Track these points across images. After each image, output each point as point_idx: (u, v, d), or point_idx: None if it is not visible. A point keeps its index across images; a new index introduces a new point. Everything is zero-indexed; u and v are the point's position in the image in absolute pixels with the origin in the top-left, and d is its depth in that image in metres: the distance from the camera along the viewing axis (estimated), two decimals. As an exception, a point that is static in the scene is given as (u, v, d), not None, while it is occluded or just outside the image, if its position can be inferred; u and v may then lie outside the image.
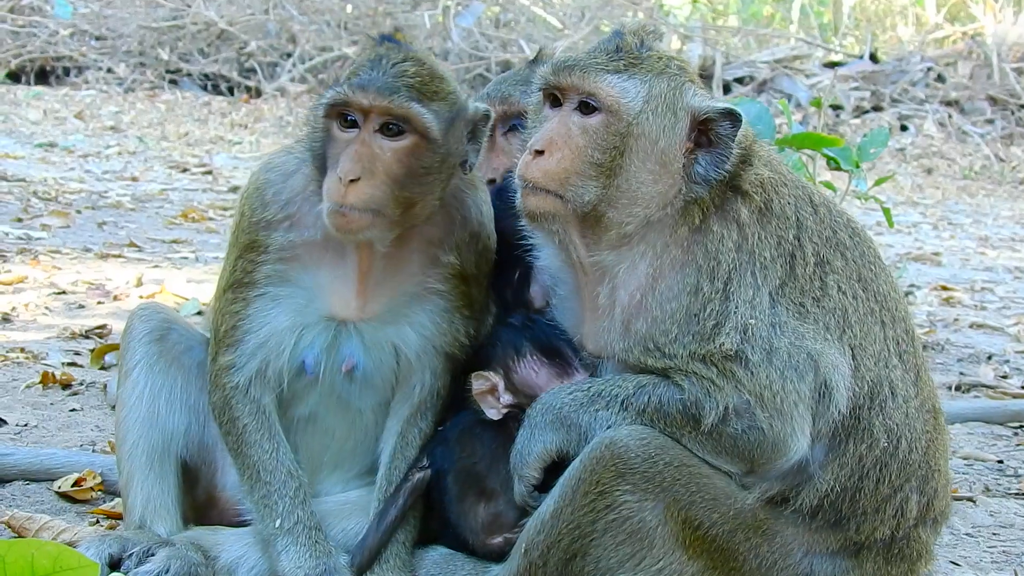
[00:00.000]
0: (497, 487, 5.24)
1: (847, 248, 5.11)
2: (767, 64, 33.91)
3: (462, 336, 5.52)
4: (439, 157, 5.21)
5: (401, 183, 5.13)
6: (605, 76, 4.97)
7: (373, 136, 5.12)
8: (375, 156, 5.10)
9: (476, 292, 5.55)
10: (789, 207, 5.04)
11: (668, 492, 4.80)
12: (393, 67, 5.17)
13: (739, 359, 4.78)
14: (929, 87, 34.02)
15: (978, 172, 29.92)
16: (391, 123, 5.13)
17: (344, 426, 5.62)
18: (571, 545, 4.87)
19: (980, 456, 8.23)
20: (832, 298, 4.97)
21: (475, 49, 32.87)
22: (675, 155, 4.97)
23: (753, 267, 4.88)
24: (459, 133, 5.29)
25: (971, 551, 6.49)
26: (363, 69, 5.19)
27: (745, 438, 4.81)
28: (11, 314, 10.47)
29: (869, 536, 5.01)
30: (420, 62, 5.23)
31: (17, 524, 5.80)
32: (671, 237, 4.95)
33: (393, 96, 5.10)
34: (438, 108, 5.18)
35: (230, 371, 5.43)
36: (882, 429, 4.96)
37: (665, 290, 4.91)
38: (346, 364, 5.46)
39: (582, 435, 4.93)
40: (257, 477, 5.40)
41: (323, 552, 5.32)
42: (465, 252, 5.47)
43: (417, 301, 5.45)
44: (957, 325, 13.14)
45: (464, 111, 5.30)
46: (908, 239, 20.13)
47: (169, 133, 25.25)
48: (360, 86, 5.13)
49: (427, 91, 5.17)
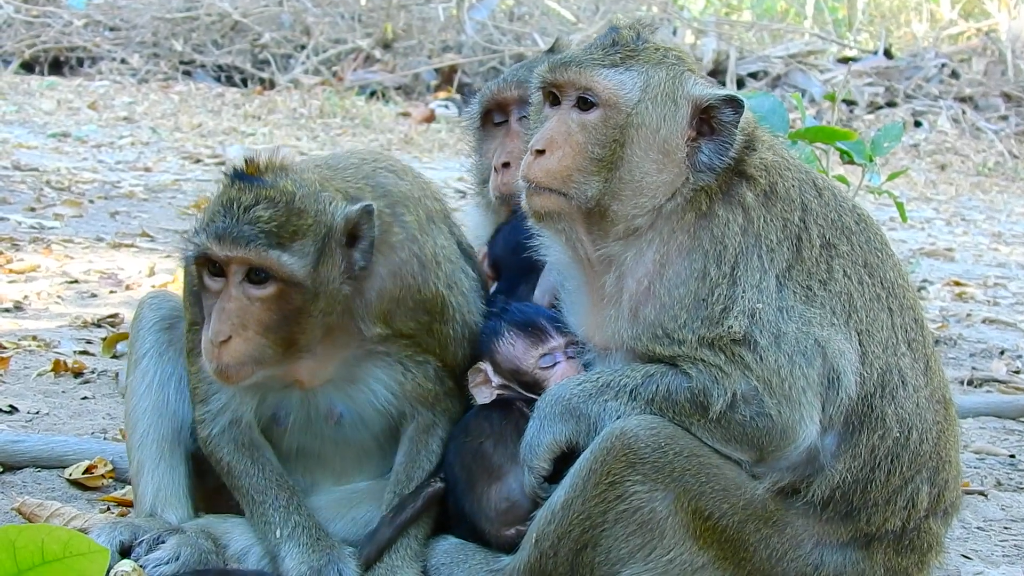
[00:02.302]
0: (505, 463, 5.27)
1: (853, 233, 5.10)
2: (781, 59, 33.84)
3: (430, 375, 5.48)
4: (311, 293, 5.04)
5: (275, 329, 5.03)
6: (601, 70, 4.97)
7: (239, 287, 5.00)
8: (243, 309, 4.99)
9: (426, 338, 5.46)
10: (794, 190, 5.04)
11: (678, 482, 4.80)
12: (246, 213, 4.95)
13: (747, 343, 4.78)
14: (943, 83, 33.94)
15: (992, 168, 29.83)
16: (253, 270, 4.98)
17: (343, 456, 5.65)
18: (582, 536, 4.87)
19: (992, 450, 8.23)
20: (838, 282, 4.97)
21: (489, 42, 32.85)
22: (678, 144, 4.97)
23: (759, 250, 4.88)
24: (334, 258, 5.09)
25: (982, 545, 6.49)
26: (218, 215, 4.99)
27: (753, 424, 4.80)
28: (24, 302, 10.49)
29: (880, 527, 5.00)
30: (274, 202, 4.99)
31: (28, 511, 5.82)
32: (677, 224, 4.96)
33: (249, 246, 4.92)
34: (301, 247, 5.00)
35: (203, 423, 5.47)
36: (894, 418, 4.95)
37: (673, 276, 4.91)
38: (330, 416, 5.48)
39: (591, 426, 4.94)
40: (252, 500, 5.43)
41: (325, 546, 5.34)
42: (393, 318, 5.35)
43: (363, 361, 5.40)
44: (970, 320, 13.12)
45: (334, 230, 5.08)
46: (921, 235, 20.08)
47: (182, 124, 25.24)
48: (216, 236, 4.95)
49: (285, 234, 4.97)
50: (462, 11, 33.36)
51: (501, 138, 6.12)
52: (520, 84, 6.10)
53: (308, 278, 5.01)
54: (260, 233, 4.94)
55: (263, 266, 4.95)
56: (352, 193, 5.26)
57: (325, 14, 33.10)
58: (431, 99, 31.14)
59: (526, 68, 6.20)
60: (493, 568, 5.20)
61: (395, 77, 32.23)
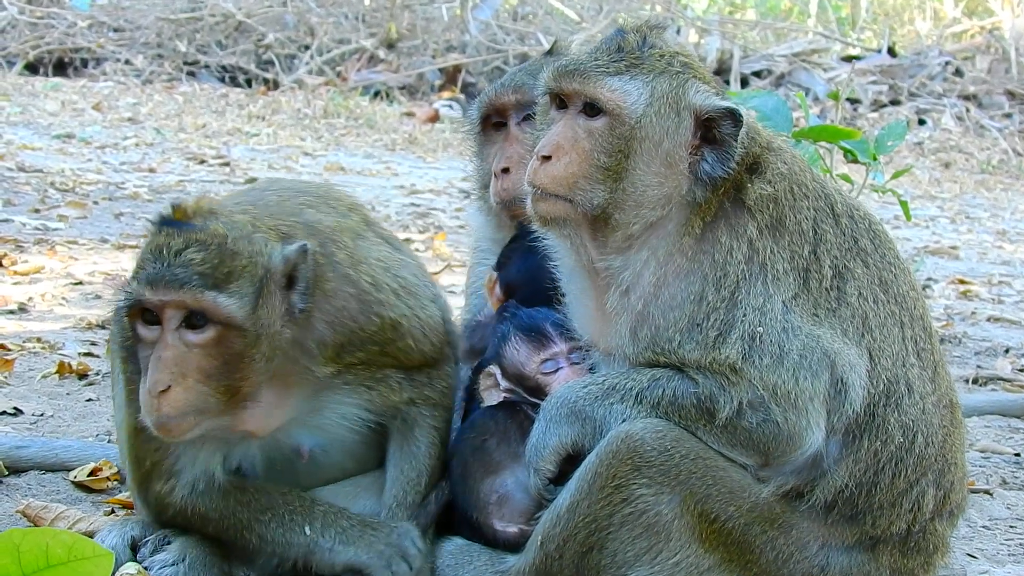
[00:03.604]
0: (504, 460, 5.29)
1: (868, 254, 5.09)
2: (785, 58, 33.84)
3: (394, 386, 5.38)
4: (252, 337, 4.88)
5: (217, 377, 4.85)
6: (607, 79, 4.94)
7: (175, 333, 4.81)
8: (182, 356, 4.79)
9: (382, 358, 5.34)
10: (806, 222, 5.00)
11: (684, 485, 4.80)
12: (177, 257, 4.78)
13: (746, 364, 4.77)
14: (947, 81, 33.92)
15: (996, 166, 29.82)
16: (190, 315, 4.81)
17: (330, 478, 5.57)
18: (587, 538, 4.87)
19: (997, 449, 8.22)
20: (851, 305, 4.95)
21: (493, 42, 32.86)
22: (680, 155, 4.95)
23: (765, 277, 4.85)
24: (272, 300, 4.93)
25: (988, 544, 6.48)
26: (147, 262, 4.82)
27: (760, 431, 4.79)
28: (28, 304, 10.49)
29: (885, 530, 5.00)
30: (205, 244, 4.84)
31: (33, 513, 5.82)
32: (675, 245, 4.94)
33: (183, 288, 4.75)
34: (238, 288, 4.84)
35: (171, 495, 5.25)
36: (897, 426, 4.94)
37: (668, 298, 4.90)
38: (300, 456, 5.36)
39: (597, 428, 4.93)
40: (261, 532, 5.29)
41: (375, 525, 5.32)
42: (342, 357, 5.22)
43: (322, 393, 5.25)
44: (974, 318, 13.12)
45: (272, 271, 4.93)
46: (926, 233, 20.08)
47: (187, 125, 25.26)
48: (149, 282, 4.77)
49: (220, 275, 4.81)
50: (466, 11, 33.38)
51: (501, 143, 6.10)
52: (518, 89, 6.07)
53: (247, 320, 4.84)
54: (194, 275, 4.76)
55: (199, 308, 4.78)
56: (285, 231, 5.11)
57: (329, 14, 33.12)
58: (435, 99, 31.16)
59: (524, 72, 6.18)
60: (499, 569, 5.19)
61: (399, 77, 32.25)
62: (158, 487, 5.27)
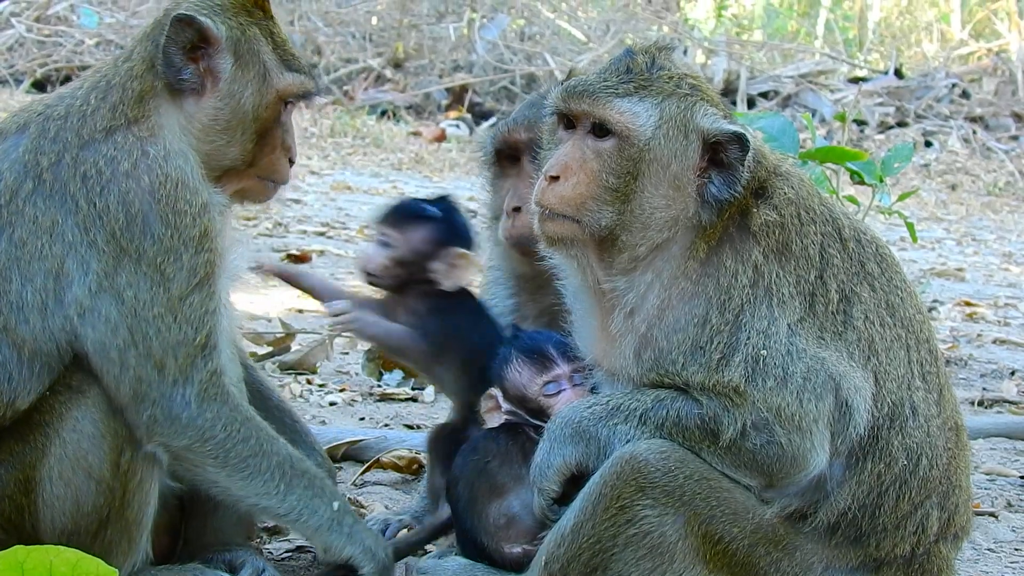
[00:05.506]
0: (508, 482, 5.29)
1: (875, 278, 5.08)
2: (792, 79, 33.90)
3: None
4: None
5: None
6: (615, 101, 4.92)
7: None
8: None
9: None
10: (813, 247, 4.99)
11: (688, 506, 4.79)
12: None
13: (750, 386, 4.77)
14: (954, 103, 33.98)
15: (1002, 188, 29.85)
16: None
17: None
18: (592, 559, 4.86)
19: (1002, 471, 8.21)
20: (857, 329, 4.94)
21: (500, 62, 32.92)
22: (688, 178, 4.94)
23: (770, 301, 4.85)
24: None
25: (993, 566, 6.48)
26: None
27: (764, 452, 4.79)
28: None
29: (889, 552, 4.99)
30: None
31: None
32: (680, 268, 4.93)
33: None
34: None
35: (223, 376, 5.03)
36: (901, 448, 4.93)
37: (672, 321, 4.89)
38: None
39: (601, 449, 4.92)
40: (292, 471, 5.09)
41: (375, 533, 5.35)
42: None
43: None
44: (980, 341, 13.11)
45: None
46: (932, 255, 20.09)
47: (194, 143, 25.28)
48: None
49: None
50: (473, 31, 33.45)
51: (514, 178, 6.02)
52: (530, 127, 5.93)
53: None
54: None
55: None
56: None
57: (336, 34, 33.19)
58: (442, 119, 31.21)
59: (537, 107, 6.02)
60: (502, 589, 5.21)
61: (406, 96, 32.30)
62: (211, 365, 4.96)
